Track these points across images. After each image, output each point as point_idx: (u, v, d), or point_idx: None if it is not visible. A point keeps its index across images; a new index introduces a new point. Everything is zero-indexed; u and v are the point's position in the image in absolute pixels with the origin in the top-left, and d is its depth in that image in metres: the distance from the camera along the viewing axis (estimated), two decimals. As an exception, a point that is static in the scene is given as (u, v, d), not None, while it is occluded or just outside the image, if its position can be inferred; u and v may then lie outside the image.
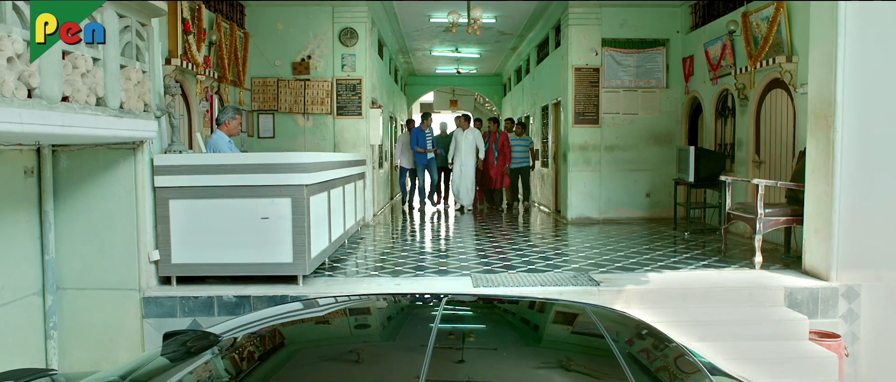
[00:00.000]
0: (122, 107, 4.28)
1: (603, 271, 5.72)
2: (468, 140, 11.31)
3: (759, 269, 5.60)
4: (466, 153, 11.27)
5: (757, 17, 7.06)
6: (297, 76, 9.47)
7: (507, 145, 11.40)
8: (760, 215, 5.61)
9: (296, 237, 5.07)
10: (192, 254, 5.08)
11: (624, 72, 9.61)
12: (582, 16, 9.52)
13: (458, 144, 11.35)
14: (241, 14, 9.15)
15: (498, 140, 11.40)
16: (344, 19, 9.45)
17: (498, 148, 11.36)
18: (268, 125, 9.59)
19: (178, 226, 5.05)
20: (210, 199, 5.05)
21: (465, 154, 11.27)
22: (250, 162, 5.06)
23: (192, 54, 6.75)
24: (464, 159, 11.27)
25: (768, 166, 7.22)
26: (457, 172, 11.42)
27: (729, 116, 8.22)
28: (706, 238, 7.63)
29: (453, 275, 5.61)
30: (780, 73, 6.67)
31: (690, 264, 6.01)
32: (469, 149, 11.29)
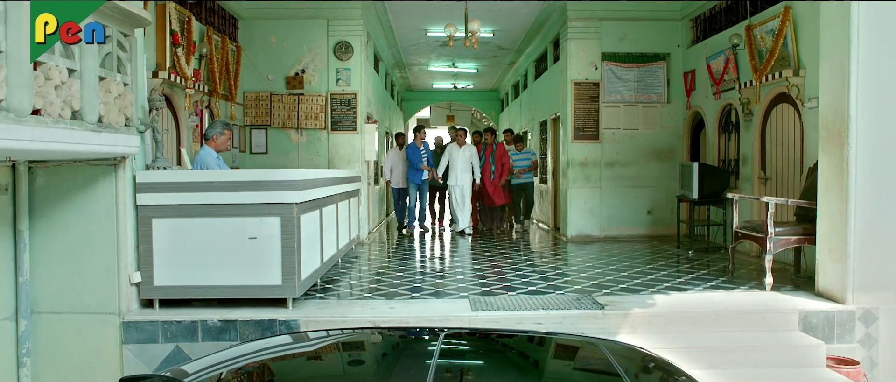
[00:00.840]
0: (101, 121, 4.05)
1: (607, 292, 5.47)
2: (464, 157, 10.14)
3: (770, 290, 5.36)
4: (462, 171, 10.12)
5: (761, 30, 6.89)
6: (290, 90, 9.28)
7: (506, 157, 10.32)
8: (771, 234, 5.38)
9: (285, 258, 4.82)
10: (175, 276, 4.82)
11: (624, 86, 9.44)
12: (581, 30, 9.36)
13: (453, 160, 10.19)
14: (234, 27, 8.97)
15: (495, 153, 10.31)
16: (339, 33, 9.28)
17: (495, 161, 10.29)
18: (260, 141, 9.36)
19: (161, 246, 4.80)
20: (195, 218, 4.80)
21: (461, 171, 10.11)
22: (237, 179, 4.82)
23: (181, 67, 6.54)
24: (459, 177, 10.09)
25: (775, 183, 7.01)
26: (451, 192, 10.35)
27: (733, 132, 8.03)
28: (711, 257, 7.39)
29: (451, 297, 5.36)
30: (786, 87, 6.48)
31: (698, 285, 5.77)
32: (465, 166, 10.13)
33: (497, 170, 10.29)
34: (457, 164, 10.13)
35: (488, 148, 10.35)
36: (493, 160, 10.26)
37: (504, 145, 10.56)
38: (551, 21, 10.28)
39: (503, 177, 10.30)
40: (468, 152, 10.18)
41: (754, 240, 5.68)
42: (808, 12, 6.20)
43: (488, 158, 10.26)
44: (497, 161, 10.29)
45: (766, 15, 6.89)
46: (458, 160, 10.12)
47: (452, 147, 10.31)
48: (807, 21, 6.23)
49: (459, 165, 10.12)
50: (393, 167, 10.88)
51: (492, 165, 10.27)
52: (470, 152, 10.18)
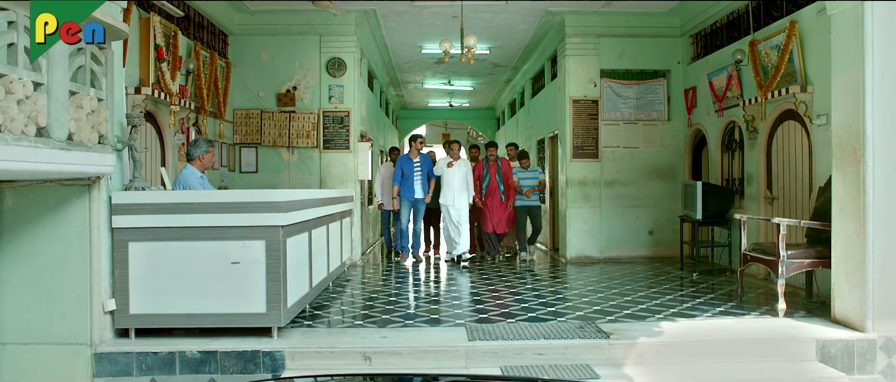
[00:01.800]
0: (72, 138, 3.78)
1: (610, 319, 5.19)
2: (459, 174, 8.81)
3: (783, 317, 5.09)
4: (458, 191, 8.80)
5: (766, 45, 6.70)
6: (281, 108, 9.03)
7: (511, 177, 8.99)
8: (783, 258, 5.12)
9: (270, 285, 4.53)
10: (153, 304, 4.52)
11: (624, 104, 9.23)
12: (579, 46, 9.17)
13: (447, 178, 8.83)
14: (224, 43, 8.75)
15: (500, 170, 8.94)
16: (331, 49, 9.07)
17: (502, 180, 8.93)
18: (250, 159, 9.10)
19: (138, 272, 4.51)
20: (175, 241, 4.52)
21: (457, 192, 8.79)
22: (219, 200, 4.54)
23: (166, 83, 6.29)
24: (456, 197, 8.80)
25: (782, 203, 6.77)
26: (445, 214, 8.96)
27: (736, 150, 7.80)
28: (716, 280, 7.12)
29: (446, 325, 5.06)
30: (794, 103, 6.27)
31: (706, 310, 5.49)
32: (461, 185, 8.81)
33: (506, 191, 8.97)
34: (452, 182, 8.82)
35: (492, 165, 9.03)
36: (500, 179, 8.97)
37: (509, 162, 9.28)
38: (549, 37, 10.10)
39: (511, 199, 8.96)
40: (463, 168, 8.85)
41: (765, 263, 5.41)
42: (815, 27, 6.01)
43: (494, 176, 8.97)
44: (504, 178, 8.98)
45: (771, 30, 6.70)
46: (454, 178, 8.81)
47: (443, 160, 8.95)
48: (814, 36, 6.04)
49: (455, 183, 8.80)
50: (384, 185, 9.62)
51: (499, 184, 8.96)
52: (465, 168, 8.86)
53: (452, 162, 8.84)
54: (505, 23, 9.61)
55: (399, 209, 8.96)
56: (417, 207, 8.89)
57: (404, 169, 8.83)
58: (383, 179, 9.64)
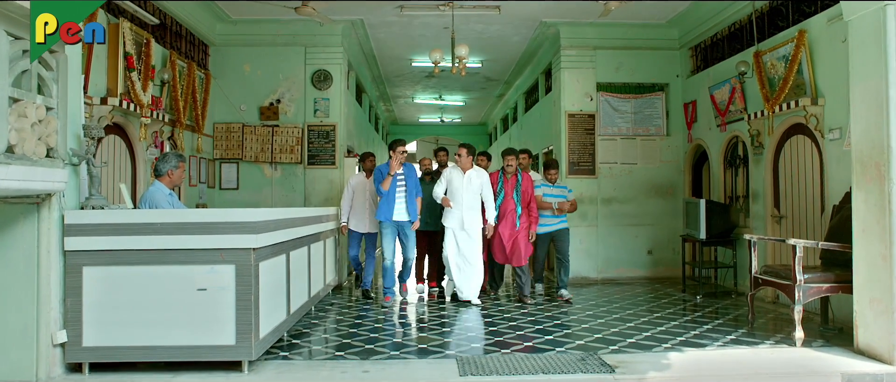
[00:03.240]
0: (12, 150, 3.36)
1: (614, 349, 4.77)
2: (473, 187, 6.67)
3: (800, 347, 4.70)
4: (469, 207, 6.65)
5: (772, 56, 6.38)
6: (264, 121, 8.63)
7: (532, 196, 6.90)
8: (800, 282, 4.73)
9: (240, 314, 4.09)
10: (109, 335, 4.07)
11: (621, 118, 8.89)
12: (575, 59, 8.84)
13: (454, 190, 6.71)
14: (205, 54, 8.36)
15: (519, 187, 6.87)
16: (317, 61, 8.70)
17: (520, 199, 6.84)
18: (231, 176, 8.67)
19: (93, 300, 4.06)
20: (135, 266, 4.08)
21: (467, 208, 6.63)
22: (185, 220, 4.11)
23: (136, 93, 5.88)
24: (465, 217, 6.64)
25: (791, 222, 6.41)
26: (450, 243, 6.74)
27: (740, 166, 7.46)
28: (721, 303, 6.73)
29: (435, 356, 4.62)
30: (804, 117, 5.93)
31: (715, 338, 5.09)
32: (473, 201, 6.68)
33: (525, 212, 6.86)
34: (461, 197, 6.66)
35: (510, 179, 6.93)
36: (517, 197, 6.83)
37: (530, 177, 7.13)
38: (543, 50, 9.78)
39: (532, 226, 6.90)
40: (477, 180, 6.71)
41: (779, 288, 5.03)
42: (826, 36, 5.70)
43: (510, 193, 6.85)
44: (524, 197, 6.85)
45: (777, 40, 6.39)
46: (464, 191, 6.66)
47: (454, 172, 6.85)
48: (824, 45, 5.73)
49: (466, 198, 6.65)
50: (356, 200, 7.31)
51: (516, 203, 6.82)
52: (480, 180, 6.74)
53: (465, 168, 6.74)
54: (497, 34, 9.28)
55: (378, 234, 7.02)
56: (404, 232, 6.79)
57: (377, 180, 6.70)
58: (354, 191, 7.33)
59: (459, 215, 6.68)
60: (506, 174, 6.96)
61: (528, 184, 6.95)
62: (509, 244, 6.85)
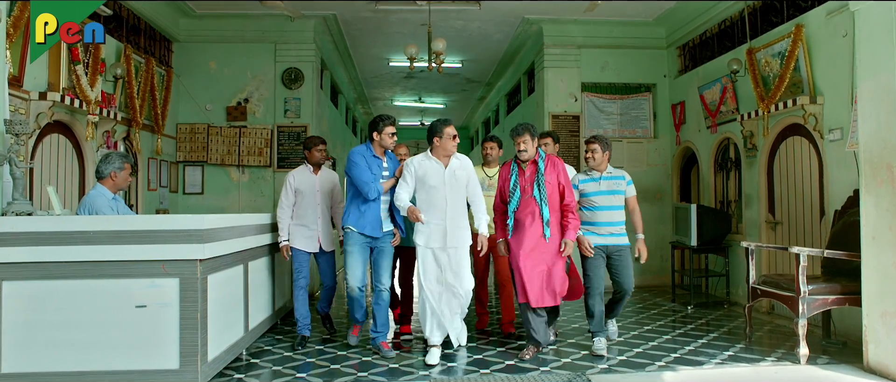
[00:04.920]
0: None
1: (603, 367, 4.36)
2: (455, 182, 4.53)
3: (805, 364, 4.32)
4: (454, 212, 4.52)
5: (766, 53, 6.05)
6: (231, 122, 8.13)
7: (569, 190, 4.55)
8: (803, 294, 4.36)
9: (185, 333, 3.62)
10: (33, 360, 3.57)
11: (607, 120, 8.53)
12: (559, 58, 8.47)
13: (428, 194, 4.55)
14: (168, 50, 7.85)
15: (541, 177, 4.49)
16: (288, 59, 8.22)
17: (546, 198, 4.47)
18: (196, 179, 8.15)
19: (13, 319, 3.57)
20: (64, 280, 3.60)
21: (451, 215, 4.50)
22: (121, 228, 3.63)
23: (82, 88, 5.37)
24: (448, 228, 4.49)
25: (787, 228, 6.07)
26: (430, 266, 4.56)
27: (732, 169, 7.13)
28: (714, 314, 6.36)
29: (407, 377, 4.17)
30: (802, 117, 5.59)
31: (712, 354, 4.70)
32: (459, 206, 4.57)
33: (561, 217, 4.53)
34: (444, 201, 4.51)
35: (527, 168, 4.57)
36: (541, 196, 4.47)
37: (562, 162, 4.70)
38: (526, 49, 9.40)
39: (570, 230, 4.51)
40: (463, 173, 4.58)
41: (780, 300, 4.65)
42: (825, 31, 5.37)
43: (529, 189, 4.51)
44: (552, 196, 4.50)
45: (772, 36, 6.07)
46: (448, 192, 4.51)
47: (427, 166, 4.58)
48: (823, 41, 5.40)
49: (451, 202, 4.52)
50: (300, 210, 5.10)
51: (540, 204, 4.47)
52: (465, 172, 4.60)
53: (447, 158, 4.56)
54: (478, 32, 8.88)
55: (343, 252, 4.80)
56: (382, 249, 4.75)
57: (354, 172, 4.69)
58: (300, 194, 5.09)
59: (442, 228, 4.45)
60: (520, 163, 4.57)
61: (556, 173, 4.49)
62: (532, 272, 4.43)
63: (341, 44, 9.46)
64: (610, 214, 4.80)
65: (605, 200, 4.80)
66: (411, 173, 4.61)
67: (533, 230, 4.49)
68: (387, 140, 4.82)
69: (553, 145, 5.45)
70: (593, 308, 4.72)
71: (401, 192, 4.61)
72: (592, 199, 4.82)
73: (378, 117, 4.86)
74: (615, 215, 4.81)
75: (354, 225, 4.72)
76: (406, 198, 4.59)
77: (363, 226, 4.73)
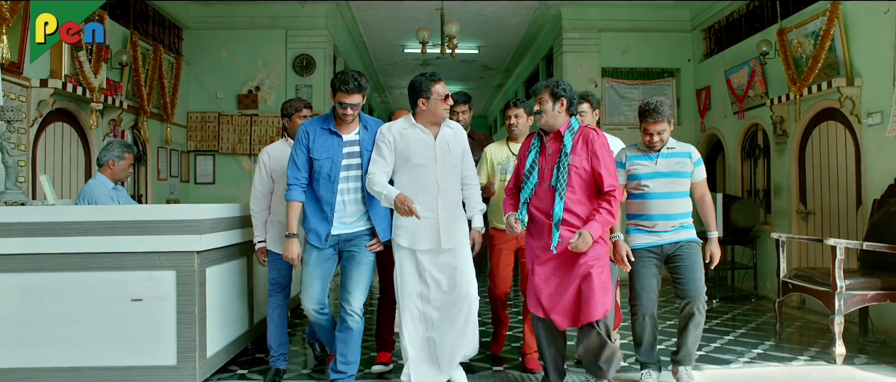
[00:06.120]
0: None
1: (622, 366, 4.12)
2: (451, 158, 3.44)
3: (841, 364, 4.04)
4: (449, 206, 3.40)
5: (798, 33, 5.71)
6: (242, 111, 7.98)
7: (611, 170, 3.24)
8: (840, 289, 4.07)
9: (182, 329, 3.47)
10: (24, 355, 3.45)
11: (628, 106, 8.22)
12: (578, 42, 8.17)
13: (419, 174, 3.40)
14: (178, 37, 7.71)
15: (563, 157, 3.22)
16: (299, 45, 8.04)
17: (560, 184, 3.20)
18: (207, 168, 8.03)
19: (6, 314, 3.46)
20: (57, 272, 3.46)
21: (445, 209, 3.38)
22: (116, 219, 3.47)
23: (85, 76, 5.24)
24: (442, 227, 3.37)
25: (819, 219, 5.74)
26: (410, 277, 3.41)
27: (760, 157, 6.80)
28: (740, 309, 6.07)
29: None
30: (837, 100, 5.26)
31: (740, 351, 4.44)
32: (454, 194, 3.46)
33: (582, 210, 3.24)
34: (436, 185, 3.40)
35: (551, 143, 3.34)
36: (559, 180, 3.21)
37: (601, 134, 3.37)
38: (543, 33, 9.10)
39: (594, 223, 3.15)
40: (459, 146, 3.51)
41: (814, 295, 4.37)
42: (863, 8, 5.03)
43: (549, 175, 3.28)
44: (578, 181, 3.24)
45: (805, 15, 5.72)
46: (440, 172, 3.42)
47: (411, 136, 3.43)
48: (861, 18, 5.05)
49: (444, 188, 3.41)
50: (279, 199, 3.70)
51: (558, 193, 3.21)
52: (460, 145, 3.53)
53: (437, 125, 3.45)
54: (494, 16, 8.61)
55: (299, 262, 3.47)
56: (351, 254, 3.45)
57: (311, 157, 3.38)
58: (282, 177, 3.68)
59: (433, 222, 3.33)
60: (543, 138, 3.35)
61: (588, 154, 3.21)
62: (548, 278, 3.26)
63: (354, 30, 9.25)
64: (668, 204, 3.45)
65: (663, 185, 3.46)
66: (388, 146, 3.36)
67: (547, 227, 3.24)
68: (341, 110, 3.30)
69: (591, 113, 3.96)
70: (642, 332, 3.55)
71: (375, 172, 3.30)
72: (645, 183, 3.48)
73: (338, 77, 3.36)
74: (676, 206, 3.46)
75: (304, 228, 3.41)
76: (383, 180, 3.31)
77: (310, 229, 3.33)
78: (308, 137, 3.37)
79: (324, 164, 3.34)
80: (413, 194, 3.29)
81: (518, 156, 3.54)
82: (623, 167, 3.55)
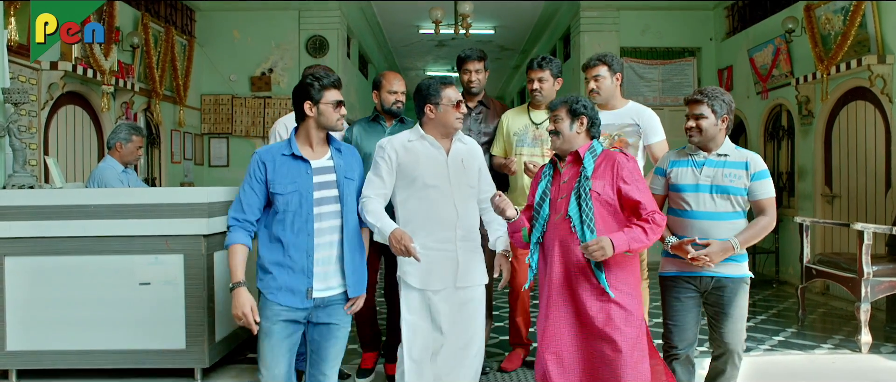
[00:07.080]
0: None
1: (640, 352, 4.02)
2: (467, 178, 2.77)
3: (867, 353, 3.91)
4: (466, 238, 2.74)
5: (827, 9, 5.49)
6: (255, 93, 7.93)
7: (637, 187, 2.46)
8: (867, 275, 3.93)
9: (190, 313, 3.44)
10: (37, 338, 3.45)
11: (647, 87, 8.02)
12: (596, 21, 7.97)
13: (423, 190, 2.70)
14: (190, 19, 7.66)
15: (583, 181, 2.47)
16: (312, 26, 7.94)
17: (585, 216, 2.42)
18: (221, 151, 8.02)
19: (17, 296, 3.45)
20: (66, 256, 3.45)
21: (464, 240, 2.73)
22: (123, 202, 3.44)
23: (95, 58, 5.20)
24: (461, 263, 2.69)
25: (846, 202, 5.56)
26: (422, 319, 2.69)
27: (784, 138, 6.59)
28: (762, 294, 5.93)
29: None
30: (867, 78, 5.05)
31: (760, 338, 4.33)
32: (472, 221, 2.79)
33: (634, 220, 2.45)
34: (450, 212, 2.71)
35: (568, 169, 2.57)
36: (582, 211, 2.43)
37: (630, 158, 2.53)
38: (561, 12, 8.90)
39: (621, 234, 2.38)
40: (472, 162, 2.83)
41: (839, 281, 4.22)
42: (896, -19, 4.80)
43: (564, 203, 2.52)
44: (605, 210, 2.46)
45: (833, -10, 5.49)
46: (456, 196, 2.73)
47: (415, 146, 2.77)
48: (894, -7, 4.83)
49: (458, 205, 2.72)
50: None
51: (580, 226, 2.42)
52: (476, 161, 2.85)
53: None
54: (510, -7, 8.43)
55: None
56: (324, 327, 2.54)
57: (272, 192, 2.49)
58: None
59: (451, 256, 2.69)
60: (557, 164, 2.66)
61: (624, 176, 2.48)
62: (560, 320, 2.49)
63: (368, 11, 9.13)
64: (710, 226, 2.62)
65: (707, 202, 2.64)
66: (388, 164, 2.72)
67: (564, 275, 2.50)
68: (330, 116, 2.55)
69: (611, 77, 3.58)
70: (678, 376, 2.75)
71: (369, 196, 2.64)
72: (685, 198, 2.69)
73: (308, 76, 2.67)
74: (720, 230, 2.61)
75: (265, 288, 2.49)
76: (379, 207, 2.64)
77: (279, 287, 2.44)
78: (264, 168, 2.48)
79: (290, 199, 2.43)
80: (426, 224, 2.67)
81: (530, 189, 2.79)
82: (663, 175, 2.77)
